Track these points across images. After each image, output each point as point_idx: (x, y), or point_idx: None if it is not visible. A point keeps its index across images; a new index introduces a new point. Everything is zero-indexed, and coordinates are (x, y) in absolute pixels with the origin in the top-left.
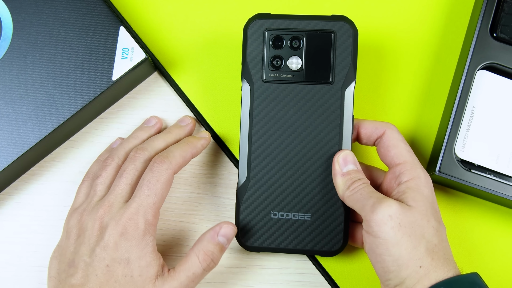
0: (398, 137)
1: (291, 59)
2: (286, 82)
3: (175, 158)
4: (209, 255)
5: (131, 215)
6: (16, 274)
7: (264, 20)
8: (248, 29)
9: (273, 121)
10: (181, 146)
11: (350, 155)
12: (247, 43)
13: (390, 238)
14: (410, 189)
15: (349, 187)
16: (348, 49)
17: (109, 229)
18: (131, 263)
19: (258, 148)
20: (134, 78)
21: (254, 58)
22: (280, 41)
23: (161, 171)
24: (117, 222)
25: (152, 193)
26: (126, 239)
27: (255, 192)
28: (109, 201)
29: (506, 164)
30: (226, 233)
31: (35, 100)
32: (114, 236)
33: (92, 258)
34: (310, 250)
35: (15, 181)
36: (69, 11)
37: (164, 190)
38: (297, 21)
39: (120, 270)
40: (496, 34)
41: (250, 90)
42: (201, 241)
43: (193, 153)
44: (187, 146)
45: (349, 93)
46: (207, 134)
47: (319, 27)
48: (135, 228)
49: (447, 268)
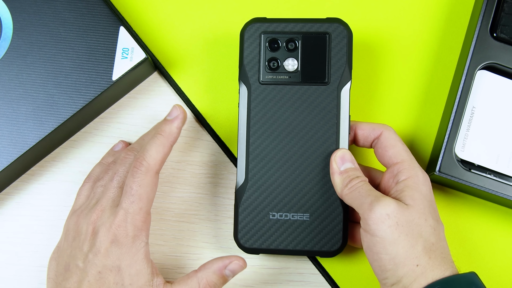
0: (395, 137)
1: (287, 61)
2: (282, 83)
3: (152, 157)
4: (211, 286)
5: (120, 222)
6: (16, 274)
7: (260, 23)
8: (245, 33)
9: (271, 122)
10: (156, 140)
11: (347, 153)
12: (243, 47)
13: (387, 236)
14: (408, 187)
15: (347, 185)
16: (343, 50)
17: (99, 235)
18: (122, 271)
19: (256, 150)
20: (134, 78)
21: (251, 61)
22: (276, 44)
23: (141, 175)
24: (108, 230)
25: (136, 199)
26: (116, 246)
27: (254, 193)
28: (101, 205)
29: (506, 164)
30: (234, 269)
31: (35, 100)
32: (105, 243)
33: (85, 263)
34: (309, 251)
35: (15, 181)
36: (69, 11)
37: (148, 193)
38: (293, 24)
39: (111, 277)
40: (496, 34)
41: (247, 92)
42: (207, 269)
43: (171, 141)
44: (161, 138)
45: (345, 92)
46: (178, 109)
47: (314, 29)
48: (125, 235)
49: (444, 267)
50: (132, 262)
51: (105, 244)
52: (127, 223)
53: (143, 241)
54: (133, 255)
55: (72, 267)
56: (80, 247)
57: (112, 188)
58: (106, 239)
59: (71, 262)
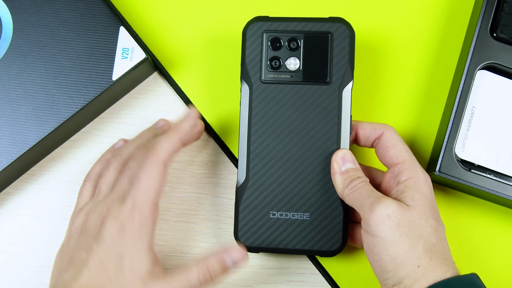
0: (396, 138)
1: (289, 60)
2: (284, 82)
3: (162, 148)
4: (211, 271)
5: (127, 211)
6: (16, 274)
7: (262, 22)
8: (247, 32)
9: (272, 121)
10: (166, 134)
11: (348, 153)
12: (245, 45)
13: (388, 237)
14: (409, 188)
15: (348, 185)
16: (345, 50)
17: (107, 225)
18: (124, 259)
19: (256, 148)
20: (134, 78)
21: (253, 59)
22: (278, 43)
23: (149, 165)
24: (115, 219)
25: (144, 189)
26: (122, 235)
27: (254, 192)
28: (112, 198)
29: (506, 164)
30: (236, 259)
31: (35, 100)
32: (111, 232)
33: (88, 253)
34: (309, 250)
35: (15, 181)
36: (69, 11)
37: (156, 183)
38: (295, 23)
39: (112, 265)
40: (496, 34)
41: (249, 91)
42: (208, 257)
43: (181, 136)
44: (172, 133)
45: (347, 92)
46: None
47: (316, 28)
48: (131, 224)
49: (445, 268)
50: (135, 250)
51: (111, 234)
52: (134, 212)
53: (149, 231)
54: (137, 243)
55: (76, 259)
56: (87, 239)
57: (123, 182)
58: (112, 228)
59: (75, 255)
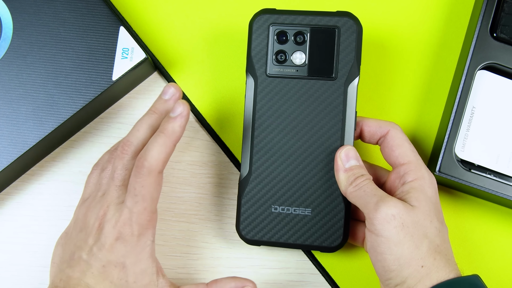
0: (402, 137)
1: (295, 54)
2: (289, 76)
3: (153, 158)
4: None
5: (125, 220)
6: (16, 274)
7: (269, 15)
8: (253, 24)
9: (276, 115)
10: (158, 139)
11: (352, 150)
12: (252, 38)
13: (392, 237)
14: (414, 189)
15: (351, 183)
16: (352, 45)
17: (105, 231)
18: (127, 268)
19: (260, 142)
20: (134, 78)
21: (259, 52)
22: (285, 36)
23: (143, 176)
24: (113, 227)
25: (139, 199)
26: (121, 243)
27: (257, 185)
28: (106, 200)
29: (506, 164)
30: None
31: (35, 100)
32: (110, 239)
33: (89, 256)
34: (309, 245)
35: (15, 181)
36: (69, 11)
37: (152, 193)
38: (302, 17)
39: (115, 273)
40: (496, 34)
41: (254, 84)
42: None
43: (173, 140)
44: (164, 137)
45: (352, 88)
46: (182, 106)
47: (323, 22)
48: (130, 233)
49: (449, 269)
50: (137, 260)
51: (110, 240)
52: (132, 222)
53: (149, 240)
54: (138, 253)
55: (77, 257)
56: (86, 240)
57: (114, 187)
58: (111, 235)
59: (76, 252)
